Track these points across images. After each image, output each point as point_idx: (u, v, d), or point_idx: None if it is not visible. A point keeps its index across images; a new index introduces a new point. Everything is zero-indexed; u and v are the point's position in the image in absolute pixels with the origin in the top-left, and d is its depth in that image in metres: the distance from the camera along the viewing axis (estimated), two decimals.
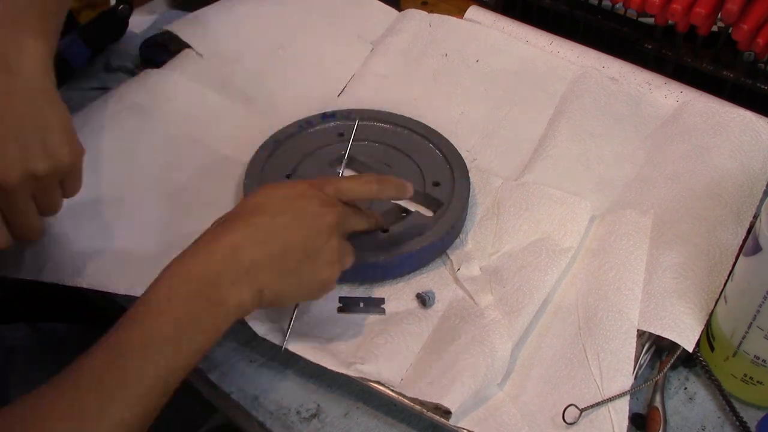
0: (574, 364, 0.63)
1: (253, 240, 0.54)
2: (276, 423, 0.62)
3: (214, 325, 0.52)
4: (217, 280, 0.52)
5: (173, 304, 0.50)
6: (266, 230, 0.55)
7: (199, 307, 0.51)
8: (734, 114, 0.80)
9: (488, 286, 0.68)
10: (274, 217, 0.56)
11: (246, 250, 0.54)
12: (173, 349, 0.50)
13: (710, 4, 0.80)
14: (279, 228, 0.56)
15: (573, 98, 0.85)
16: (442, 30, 0.95)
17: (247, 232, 0.54)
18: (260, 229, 0.55)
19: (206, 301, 0.51)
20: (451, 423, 0.59)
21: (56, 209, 0.64)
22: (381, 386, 0.61)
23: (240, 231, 0.55)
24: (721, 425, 0.63)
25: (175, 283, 0.51)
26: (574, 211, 0.73)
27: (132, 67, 0.95)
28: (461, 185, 0.76)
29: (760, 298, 0.57)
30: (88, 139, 0.78)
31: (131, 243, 0.71)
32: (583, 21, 0.95)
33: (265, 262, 0.54)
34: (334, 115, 0.83)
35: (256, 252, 0.54)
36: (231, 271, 0.53)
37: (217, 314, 0.52)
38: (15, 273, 0.69)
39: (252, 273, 0.54)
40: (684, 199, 0.75)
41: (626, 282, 0.67)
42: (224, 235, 0.54)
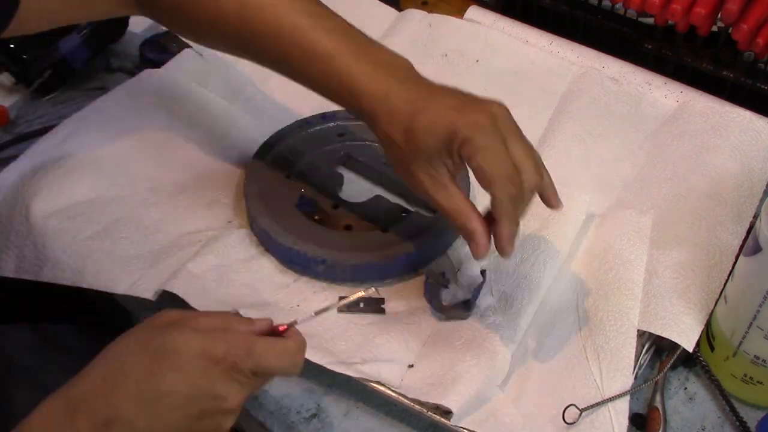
0: (574, 364, 0.63)
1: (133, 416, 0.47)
2: (276, 423, 0.62)
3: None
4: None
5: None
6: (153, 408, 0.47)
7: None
8: (734, 114, 0.80)
9: (488, 286, 0.68)
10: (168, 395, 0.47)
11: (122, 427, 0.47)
12: None
13: (710, 4, 0.80)
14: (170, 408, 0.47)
15: (573, 98, 0.85)
16: (442, 30, 0.95)
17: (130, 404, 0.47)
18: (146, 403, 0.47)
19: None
20: (451, 423, 0.59)
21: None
22: (381, 386, 0.61)
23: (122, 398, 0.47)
24: (721, 425, 0.63)
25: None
26: (571, 204, 0.73)
27: (132, 67, 0.95)
28: (461, 185, 0.75)
29: (760, 298, 0.57)
30: (88, 139, 0.78)
31: (131, 243, 0.71)
32: (583, 21, 0.95)
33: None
34: (334, 115, 0.83)
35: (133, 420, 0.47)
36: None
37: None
38: (15, 273, 0.69)
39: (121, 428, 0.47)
40: (684, 199, 0.75)
41: (626, 282, 0.67)
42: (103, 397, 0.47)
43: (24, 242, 0.70)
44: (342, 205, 0.75)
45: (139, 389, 0.47)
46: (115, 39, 0.95)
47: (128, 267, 0.68)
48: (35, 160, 0.76)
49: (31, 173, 0.74)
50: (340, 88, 0.62)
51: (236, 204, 0.76)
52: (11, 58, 0.88)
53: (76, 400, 0.47)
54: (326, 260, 0.68)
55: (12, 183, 0.74)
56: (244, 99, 0.88)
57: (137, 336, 0.49)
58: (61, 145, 0.77)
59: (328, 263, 0.69)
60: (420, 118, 0.57)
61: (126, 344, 0.49)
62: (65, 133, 0.79)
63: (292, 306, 0.68)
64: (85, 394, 0.47)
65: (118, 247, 0.70)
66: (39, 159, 0.76)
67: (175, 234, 0.72)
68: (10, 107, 0.88)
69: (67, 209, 0.72)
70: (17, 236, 0.70)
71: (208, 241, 0.71)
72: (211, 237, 0.72)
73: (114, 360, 0.49)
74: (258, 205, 0.73)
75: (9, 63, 0.89)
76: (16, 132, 0.86)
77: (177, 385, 0.47)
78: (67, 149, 0.77)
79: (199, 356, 0.48)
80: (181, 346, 0.48)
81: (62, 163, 0.75)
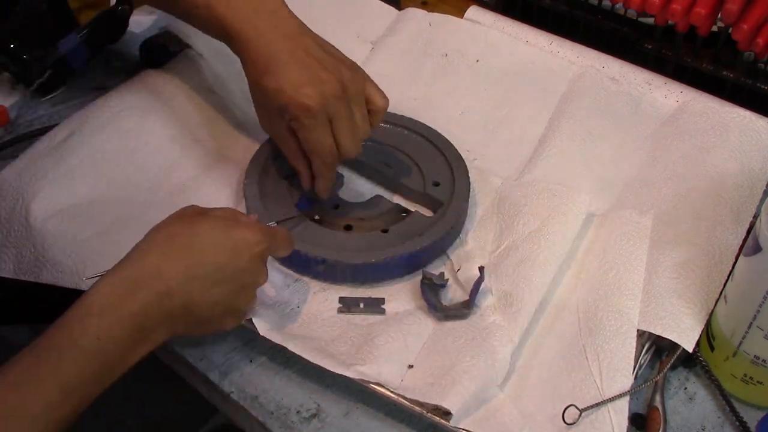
0: (574, 364, 0.63)
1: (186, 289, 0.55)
2: (276, 423, 0.62)
3: (134, 359, 0.54)
4: (147, 323, 0.54)
5: (103, 343, 0.52)
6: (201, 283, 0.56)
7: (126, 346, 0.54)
8: (734, 114, 0.80)
9: (488, 286, 0.68)
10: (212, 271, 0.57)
11: (177, 299, 0.55)
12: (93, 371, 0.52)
13: (710, 4, 0.80)
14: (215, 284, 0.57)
15: (573, 98, 0.85)
16: (442, 30, 0.95)
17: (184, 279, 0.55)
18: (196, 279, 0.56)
19: (134, 340, 0.54)
20: (451, 424, 0.59)
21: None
22: (381, 387, 0.61)
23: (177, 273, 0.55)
24: (721, 425, 0.63)
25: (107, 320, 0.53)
26: (570, 203, 0.73)
27: (132, 67, 0.95)
28: (461, 185, 0.76)
29: (760, 298, 0.57)
30: (88, 139, 0.78)
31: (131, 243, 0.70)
32: (583, 21, 0.95)
33: (192, 314, 0.56)
34: None
35: (187, 302, 0.56)
36: (161, 317, 0.55)
37: (140, 351, 0.55)
38: (14, 274, 0.69)
39: (176, 321, 0.56)
40: (684, 199, 0.75)
41: (626, 282, 0.67)
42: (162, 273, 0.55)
43: (23, 243, 0.70)
44: (342, 205, 0.75)
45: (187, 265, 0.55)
46: (115, 39, 0.95)
47: None
48: (35, 160, 0.76)
49: (31, 173, 0.74)
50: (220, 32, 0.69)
51: (236, 204, 0.76)
52: (11, 58, 0.88)
53: (135, 277, 0.54)
54: (326, 260, 0.68)
55: (12, 183, 0.74)
56: (244, 99, 0.87)
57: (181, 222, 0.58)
58: (61, 145, 0.77)
59: (328, 263, 0.69)
60: (266, 80, 0.66)
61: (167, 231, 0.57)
62: (65, 133, 0.79)
63: (292, 306, 0.68)
64: (144, 272, 0.54)
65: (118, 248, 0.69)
66: (39, 159, 0.76)
67: None
68: (10, 107, 0.88)
69: (67, 210, 0.72)
70: (16, 237, 0.70)
71: None
72: None
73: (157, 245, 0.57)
74: (258, 205, 0.73)
75: (9, 63, 0.89)
76: (16, 132, 0.86)
77: (226, 263, 0.57)
78: (67, 149, 0.77)
79: (240, 240, 0.58)
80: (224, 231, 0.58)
81: (62, 163, 0.75)
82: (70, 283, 0.67)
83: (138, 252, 0.56)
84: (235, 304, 0.60)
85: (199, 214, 0.59)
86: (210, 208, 0.61)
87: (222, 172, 0.79)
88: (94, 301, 0.53)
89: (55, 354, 0.51)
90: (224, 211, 0.61)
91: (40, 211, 0.71)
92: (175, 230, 0.57)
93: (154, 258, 0.55)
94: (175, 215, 0.59)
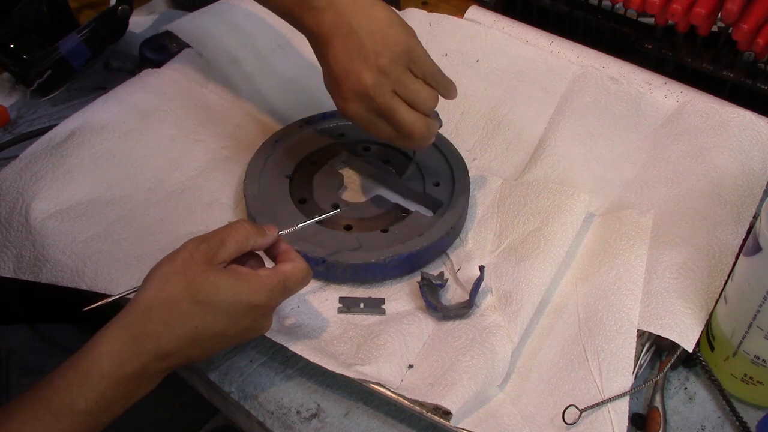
0: (574, 364, 0.63)
1: (186, 352, 0.56)
2: (276, 423, 0.62)
3: (131, 404, 0.56)
4: (144, 383, 0.55)
5: (99, 405, 0.53)
6: (202, 345, 0.56)
7: (121, 404, 0.55)
8: (734, 114, 0.80)
9: (488, 286, 0.68)
10: (214, 335, 0.56)
11: (176, 359, 0.56)
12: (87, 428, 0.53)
13: (710, 4, 0.80)
14: (214, 345, 0.57)
15: (573, 98, 0.85)
16: (442, 30, 0.95)
17: (185, 344, 0.55)
18: (197, 343, 0.56)
19: (128, 399, 0.55)
20: (451, 424, 0.59)
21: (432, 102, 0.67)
22: (381, 387, 0.61)
23: (179, 340, 0.55)
24: (721, 425, 0.63)
25: (106, 384, 0.53)
26: (570, 203, 0.73)
27: (132, 67, 0.95)
28: (461, 185, 0.76)
29: (760, 298, 0.57)
30: (88, 139, 0.78)
31: (131, 243, 0.71)
32: (583, 21, 0.95)
33: (188, 361, 0.57)
34: (334, 115, 0.83)
35: (186, 360, 0.56)
36: (160, 374, 0.56)
37: (134, 400, 0.56)
38: (14, 273, 0.69)
39: (170, 369, 0.57)
40: (684, 199, 0.75)
41: (626, 282, 0.67)
42: (163, 341, 0.55)
43: (23, 242, 0.70)
44: (342, 205, 0.75)
45: (196, 332, 0.55)
46: (115, 39, 0.95)
47: (128, 268, 0.68)
48: (35, 160, 0.76)
49: (31, 173, 0.74)
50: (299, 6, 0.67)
51: (236, 204, 0.76)
52: (11, 58, 0.88)
53: (139, 335, 0.54)
54: (326, 260, 0.68)
55: (12, 183, 0.74)
56: (244, 99, 0.88)
57: (185, 281, 0.56)
58: (61, 145, 0.77)
59: (328, 263, 0.69)
60: (346, 82, 0.65)
61: (174, 281, 0.56)
62: (65, 133, 0.79)
63: (292, 306, 0.68)
64: (149, 332, 0.54)
65: (117, 248, 0.70)
66: (39, 159, 0.76)
67: (175, 234, 0.72)
68: (10, 107, 0.89)
69: (67, 209, 0.72)
70: (16, 236, 0.70)
71: None
72: None
73: (168, 304, 0.55)
74: (258, 205, 0.73)
75: (9, 63, 0.89)
76: (16, 132, 0.86)
77: (228, 329, 0.57)
78: (67, 149, 0.77)
79: (245, 306, 0.57)
80: (230, 298, 0.56)
81: (62, 163, 0.75)
82: (69, 282, 0.67)
83: (140, 311, 0.55)
84: (236, 342, 0.61)
85: (203, 271, 0.56)
86: (219, 241, 0.58)
87: (222, 172, 0.79)
88: (94, 366, 0.53)
89: (51, 417, 0.51)
90: (234, 246, 0.58)
91: (40, 211, 0.71)
92: (179, 294, 0.55)
93: (154, 325, 0.54)
94: (179, 261, 0.56)
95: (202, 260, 0.56)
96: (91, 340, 0.54)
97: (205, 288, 0.55)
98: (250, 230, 0.60)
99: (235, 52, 0.91)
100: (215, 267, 0.57)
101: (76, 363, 0.53)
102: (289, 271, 0.59)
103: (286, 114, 0.85)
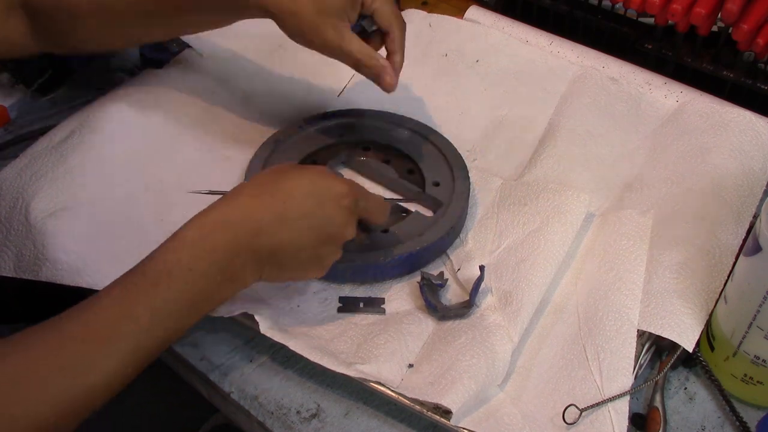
0: (574, 364, 0.63)
1: (274, 230, 0.57)
2: (276, 423, 0.62)
3: (223, 297, 0.57)
4: (236, 260, 0.56)
5: (194, 274, 0.54)
6: (290, 225, 0.57)
7: (216, 281, 0.55)
8: (734, 114, 0.80)
9: (488, 286, 0.68)
10: (300, 216, 0.58)
11: (266, 239, 0.56)
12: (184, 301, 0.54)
13: (710, 4, 0.80)
14: (302, 229, 0.58)
15: (573, 98, 0.85)
16: (442, 30, 0.95)
17: (272, 220, 0.57)
18: (285, 222, 0.57)
19: (223, 276, 0.55)
20: (451, 423, 0.59)
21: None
22: (381, 386, 0.61)
23: (267, 214, 0.57)
24: (721, 425, 0.63)
25: (198, 252, 0.54)
26: (570, 203, 0.73)
27: (132, 67, 0.95)
28: (461, 185, 0.76)
29: (760, 298, 0.57)
30: (88, 139, 0.78)
31: (131, 243, 0.71)
32: (583, 21, 0.95)
33: (278, 257, 0.58)
34: (334, 115, 0.83)
35: (275, 243, 0.57)
36: (249, 255, 0.56)
37: (228, 289, 0.57)
38: (14, 272, 0.69)
39: (263, 262, 0.57)
40: (684, 199, 0.75)
41: (626, 282, 0.67)
42: (252, 213, 0.56)
43: (23, 242, 0.70)
44: None
45: (284, 207, 0.57)
46: None
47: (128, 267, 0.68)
48: (35, 159, 0.76)
49: (31, 173, 0.74)
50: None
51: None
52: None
53: (225, 217, 0.56)
54: None
55: (12, 182, 0.74)
56: (244, 99, 0.88)
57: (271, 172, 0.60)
58: (61, 145, 0.77)
59: None
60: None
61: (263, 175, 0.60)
62: (65, 133, 0.79)
63: (292, 306, 0.68)
64: (234, 212, 0.56)
65: (117, 248, 0.70)
66: (39, 159, 0.76)
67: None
68: (10, 107, 0.88)
69: (67, 209, 0.72)
70: (17, 236, 0.70)
71: None
72: None
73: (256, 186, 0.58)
74: None
75: (9, 63, 0.89)
76: (16, 132, 0.86)
77: (314, 212, 0.58)
78: (67, 149, 0.77)
79: (328, 190, 0.59)
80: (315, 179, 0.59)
81: (62, 163, 0.75)
82: (69, 280, 0.67)
83: (228, 197, 0.58)
84: (320, 253, 0.61)
85: (291, 166, 0.61)
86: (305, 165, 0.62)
87: (222, 172, 0.79)
88: (186, 235, 0.55)
89: (147, 281, 0.53)
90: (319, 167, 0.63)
91: (40, 210, 0.71)
92: (266, 178, 0.59)
93: (244, 199, 0.57)
94: (268, 169, 0.62)
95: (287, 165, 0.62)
96: None
97: (290, 172, 0.59)
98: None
99: (235, 52, 0.91)
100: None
101: (168, 239, 0.55)
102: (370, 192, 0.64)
103: (286, 114, 0.85)
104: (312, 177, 0.60)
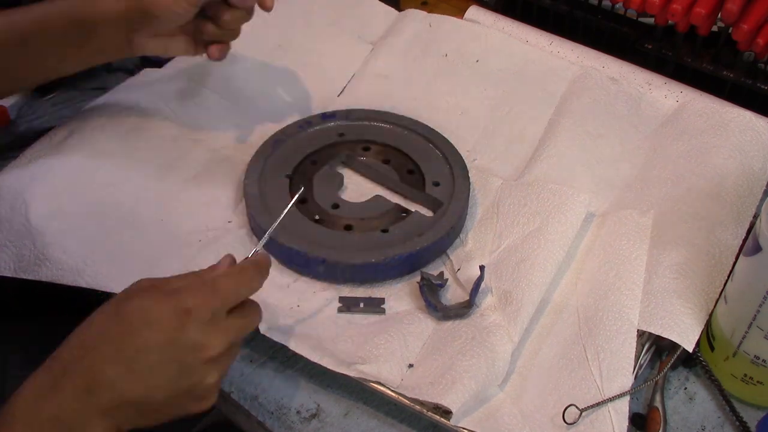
0: (574, 364, 0.63)
1: (114, 377, 0.48)
2: (276, 423, 0.62)
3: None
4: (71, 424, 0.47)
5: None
6: (131, 366, 0.48)
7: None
8: (734, 114, 0.80)
9: (488, 286, 0.68)
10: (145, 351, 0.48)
11: (104, 391, 0.47)
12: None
13: (710, 4, 0.80)
14: (149, 365, 0.48)
15: (573, 98, 0.85)
16: (442, 30, 0.95)
17: (109, 366, 0.48)
18: (125, 362, 0.48)
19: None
20: (451, 423, 0.59)
21: None
22: (381, 386, 0.61)
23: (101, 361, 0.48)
24: (721, 425, 0.63)
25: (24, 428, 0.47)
26: (570, 203, 0.73)
27: (132, 67, 0.95)
28: (461, 185, 0.76)
29: (760, 298, 0.57)
30: (88, 139, 0.78)
31: (131, 242, 0.71)
32: (583, 21, 0.95)
33: (125, 404, 0.48)
34: (334, 115, 0.83)
35: (115, 394, 0.48)
36: (85, 414, 0.48)
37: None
38: (14, 272, 0.69)
39: (110, 414, 0.48)
40: (684, 199, 0.75)
41: (626, 282, 0.67)
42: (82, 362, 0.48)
43: (23, 242, 0.70)
44: (342, 205, 0.75)
45: (116, 349, 0.48)
46: None
47: (128, 267, 0.68)
48: (35, 160, 0.76)
49: (31, 173, 0.74)
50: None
51: (236, 204, 0.76)
52: None
53: (58, 369, 0.48)
54: (326, 260, 0.68)
55: (12, 183, 0.74)
56: (244, 99, 0.88)
57: (111, 305, 0.51)
58: (61, 145, 0.77)
59: (328, 263, 0.69)
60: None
61: (101, 313, 0.51)
62: (65, 133, 0.79)
63: (292, 306, 0.68)
64: (66, 362, 0.48)
65: (117, 247, 0.70)
66: (39, 159, 0.76)
67: (175, 234, 0.72)
68: (10, 107, 0.88)
69: (67, 209, 0.72)
70: (17, 236, 0.70)
71: (207, 242, 0.71)
72: (211, 237, 0.72)
73: (89, 328, 0.50)
74: (258, 205, 0.73)
75: None
76: (16, 132, 0.86)
77: (152, 339, 0.48)
78: (67, 149, 0.77)
79: (170, 311, 0.49)
80: (153, 305, 0.49)
81: (62, 163, 0.75)
82: (69, 280, 0.67)
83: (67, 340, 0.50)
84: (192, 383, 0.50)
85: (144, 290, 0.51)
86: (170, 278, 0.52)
87: (222, 172, 0.79)
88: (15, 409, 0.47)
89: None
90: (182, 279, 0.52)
91: (40, 210, 0.71)
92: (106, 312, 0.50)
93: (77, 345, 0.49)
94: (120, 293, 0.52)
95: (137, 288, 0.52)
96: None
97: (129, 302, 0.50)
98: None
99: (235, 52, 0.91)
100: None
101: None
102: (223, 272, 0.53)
103: (285, 114, 0.85)
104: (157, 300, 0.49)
